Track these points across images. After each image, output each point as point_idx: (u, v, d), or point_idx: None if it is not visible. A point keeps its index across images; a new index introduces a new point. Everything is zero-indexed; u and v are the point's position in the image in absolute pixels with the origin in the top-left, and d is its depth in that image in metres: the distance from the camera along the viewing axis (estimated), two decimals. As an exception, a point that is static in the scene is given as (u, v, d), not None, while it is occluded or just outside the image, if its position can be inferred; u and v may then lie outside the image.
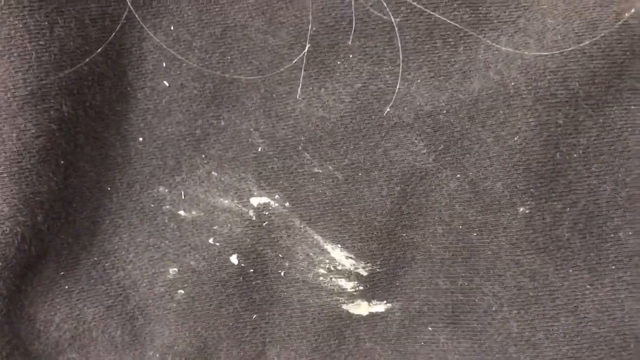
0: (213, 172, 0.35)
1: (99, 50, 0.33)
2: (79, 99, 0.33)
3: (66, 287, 0.34)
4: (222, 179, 0.35)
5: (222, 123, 0.34)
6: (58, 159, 0.33)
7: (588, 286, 0.30)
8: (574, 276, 0.30)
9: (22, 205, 0.32)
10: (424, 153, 0.32)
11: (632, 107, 0.30)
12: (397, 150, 0.32)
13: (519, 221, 0.30)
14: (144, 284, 0.34)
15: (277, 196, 0.34)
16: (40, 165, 0.32)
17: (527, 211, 0.31)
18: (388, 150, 0.32)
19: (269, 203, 0.34)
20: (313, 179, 0.33)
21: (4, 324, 0.33)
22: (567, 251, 0.30)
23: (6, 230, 0.32)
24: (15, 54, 0.31)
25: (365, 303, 0.33)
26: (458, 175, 0.31)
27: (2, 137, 0.32)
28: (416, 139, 0.32)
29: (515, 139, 0.30)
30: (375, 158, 0.32)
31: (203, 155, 0.35)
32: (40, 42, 0.31)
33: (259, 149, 0.34)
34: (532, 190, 0.30)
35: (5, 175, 0.32)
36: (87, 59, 0.33)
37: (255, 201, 0.34)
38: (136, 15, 0.33)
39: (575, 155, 0.30)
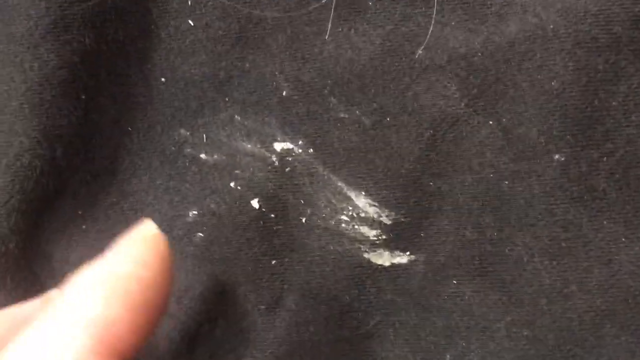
0: (236, 116, 0.34)
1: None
2: (102, 32, 0.33)
3: (83, 226, 0.34)
4: (245, 122, 0.34)
5: (247, 65, 0.34)
6: (79, 93, 0.32)
7: (623, 239, 0.29)
8: (609, 228, 0.29)
9: (42, 138, 0.31)
10: (456, 97, 0.30)
11: (679, 55, 0.29)
12: (428, 94, 0.31)
13: (553, 169, 0.29)
14: (163, 227, 0.34)
15: (300, 142, 0.33)
16: (62, 98, 0.32)
17: (562, 159, 0.29)
18: (418, 94, 0.31)
19: (292, 148, 0.33)
20: (339, 124, 0.32)
21: (21, 259, 0.32)
22: (603, 202, 0.29)
23: (25, 162, 0.31)
24: (38, -17, 0.30)
25: (387, 253, 0.32)
26: (491, 122, 0.30)
27: (23, 67, 0.31)
28: (448, 82, 0.30)
29: (553, 83, 0.29)
30: (405, 102, 0.31)
31: (226, 98, 0.34)
32: (64, -28, 0.31)
33: (284, 93, 0.33)
34: (568, 137, 0.29)
35: (26, 106, 0.31)
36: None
37: (278, 146, 0.33)
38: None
39: (614, 103, 0.29)
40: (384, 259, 0.33)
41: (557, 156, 0.30)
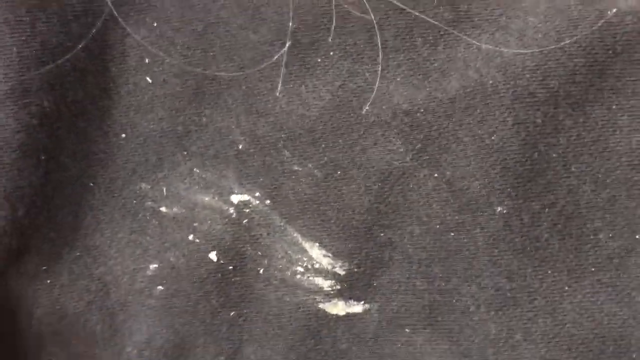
0: (195, 169, 0.35)
1: (81, 45, 0.33)
2: (61, 94, 0.33)
3: (48, 281, 0.35)
4: (204, 175, 0.35)
5: (204, 120, 0.34)
6: (39, 154, 0.33)
7: (567, 288, 0.30)
8: (553, 277, 0.30)
9: (3, 199, 0.32)
10: (402, 152, 0.31)
11: (614, 107, 0.30)
12: (375, 149, 0.31)
13: (496, 221, 0.30)
14: (125, 280, 0.34)
15: (257, 194, 0.34)
16: (21, 160, 0.32)
17: (504, 211, 0.30)
18: (366, 148, 0.32)
19: (249, 200, 0.34)
20: (293, 176, 0.33)
21: (-13, 318, 0.33)
22: (546, 252, 0.30)
23: None
24: (-4, 50, 0.31)
25: (342, 303, 0.33)
26: (435, 175, 0.31)
27: (-18, 132, 0.32)
28: (394, 137, 0.31)
29: (493, 138, 0.30)
30: (354, 156, 0.32)
31: (185, 152, 0.35)
32: (22, 38, 0.32)
33: (240, 146, 0.34)
34: (509, 190, 0.30)
35: (-14, 171, 0.32)
36: (69, 55, 0.33)
37: (235, 198, 0.34)
38: (115, 13, 0.33)
39: (554, 155, 0.30)
40: (338, 308, 0.33)
41: (499, 208, 0.30)
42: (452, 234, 0.31)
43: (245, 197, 0.35)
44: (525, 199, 0.30)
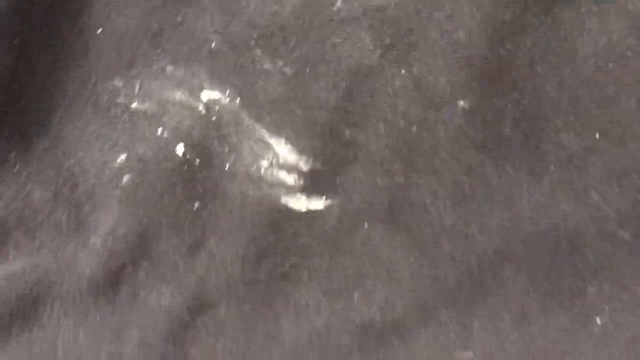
0: (167, 67, 0.35)
1: None
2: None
3: (16, 167, 0.34)
4: (176, 73, 0.35)
5: (179, 19, 0.34)
6: (12, 38, 0.33)
7: (525, 185, 0.30)
8: (512, 175, 0.30)
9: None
10: (370, 49, 0.31)
11: (582, 10, 0.29)
12: (345, 45, 0.31)
13: (459, 116, 0.30)
14: (93, 172, 0.34)
15: (227, 92, 0.34)
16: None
17: (467, 106, 0.30)
18: (336, 45, 0.32)
19: (219, 99, 0.34)
20: (263, 75, 0.33)
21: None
22: (507, 149, 0.30)
23: None
24: None
25: (304, 198, 0.33)
26: (403, 72, 0.31)
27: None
28: (363, 33, 0.31)
29: (460, 33, 0.30)
30: (324, 52, 0.32)
31: (158, 50, 0.34)
32: None
33: (213, 45, 0.34)
34: (474, 85, 0.30)
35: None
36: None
37: (205, 96, 0.34)
38: None
39: (520, 54, 0.30)
40: (300, 204, 0.33)
41: (462, 103, 0.30)
42: (414, 129, 0.31)
43: (216, 95, 0.35)
44: (489, 95, 0.30)
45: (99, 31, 0.35)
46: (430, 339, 0.31)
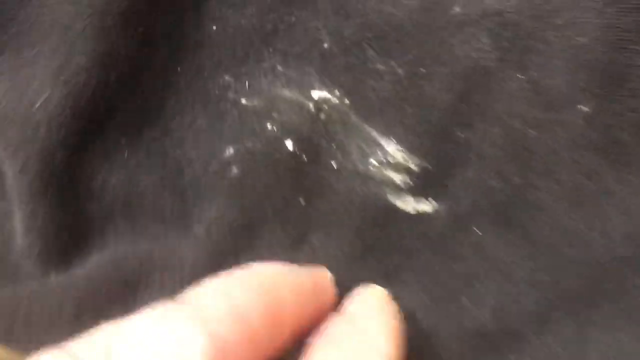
0: (278, 65, 0.36)
1: None
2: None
3: (126, 154, 0.35)
4: (286, 72, 0.35)
5: (293, 19, 0.35)
6: (137, 26, 0.34)
7: (645, 191, 0.29)
8: (633, 181, 0.29)
9: (99, 61, 0.33)
10: (489, 50, 0.31)
11: None
12: (462, 47, 0.32)
13: (579, 119, 0.30)
14: (200, 163, 0.35)
15: (337, 92, 0.34)
16: (120, 25, 0.33)
17: (588, 110, 0.30)
18: (453, 46, 0.32)
19: (329, 98, 0.34)
20: (375, 75, 0.33)
21: (64, 174, 0.34)
22: (627, 156, 0.29)
23: (80, 80, 0.33)
24: None
25: (412, 199, 0.33)
26: (520, 74, 0.31)
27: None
28: (482, 35, 0.31)
29: (580, 38, 0.30)
30: (440, 54, 0.32)
31: (270, 49, 0.35)
32: None
33: (325, 46, 0.34)
34: (594, 89, 0.30)
35: (88, 29, 0.33)
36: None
37: (315, 94, 0.35)
38: None
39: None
40: (408, 204, 0.33)
41: (582, 107, 0.30)
42: (533, 131, 0.31)
43: (325, 94, 0.35)
44: (609, 100, 0.30)
45: (214, 27, 0.36)
46: (545, 349, 0.30)
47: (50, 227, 0.35)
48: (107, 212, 0.36)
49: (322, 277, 0.31)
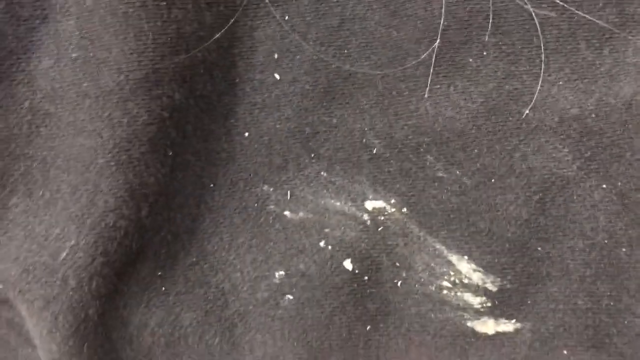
0: (322, 173, 0.32)
1: (217, 36, 0.30)
2: (191, 87, 0.30)
3: (163, 288, 0.31)
4: (333, 180, 0.32)
5: (334, 121, 0.31)
6: (167, 150, 0.30)
7: None
8: None
9: (128, 197, 0.29)
10: (568, 160, 0.28)
11: None
12: (538, 156, 0.29)
13: (675, 237, 0.27)
14: (245, 289, 0.31)
15: (393, 201, 0.31)
16: (150, 154, 0.29)
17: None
18: (527, 155, 0.29)
19: (384, 208, 0.31)
20: (436, 183, 0.30)
21: (99, 325, 0.29)
22: None
23: (109, 223, 0.28)
24: (131, 35, 0.28)
25: (492, 321, 0.29)
26: (604, 185, 0.28)
27: (112, 123, 0.29)
28: (560, 144, 0.28)
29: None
30: (512, 163, 0.29)
31: (312, 155, 0.31)
32: (158, 24, 0.29)
33: (374, 150, 0.31)
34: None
35: (113, 163, 0.28)
36: (203, 45, 0.30)
37: (370, 205, 0.31)
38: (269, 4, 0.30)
39: None
40: (488, 327, 0.30)
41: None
42: (624, 249, 0.28)
43: (381, 204, 0.32)
44: None
45: (246, 134, 0.32)
46: None
47: (88, 381, 0.30)
48: (148, 356, 0.32)
49: None
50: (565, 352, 0.29)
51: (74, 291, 0.29)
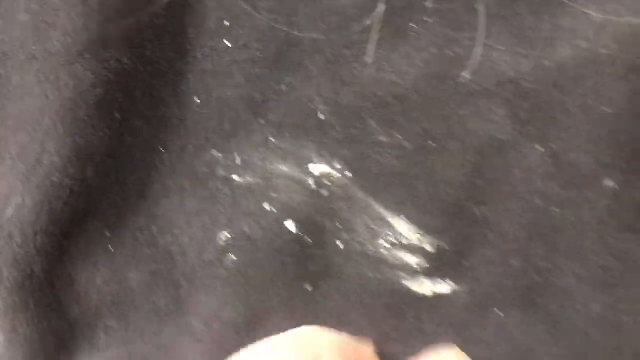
0: (271, 138, 0.32)
1: (165, 0, 0.30)
2: (139, 52, 0.31)
3: (111, 249, 0.31)
4: (281, 145, 0.32)
5: (283, 87, 0.32)
6: (114, 113, 0.30)
7: (680, 271, 0.27)
8: None
9: (74, 157, 0.29)
10: (504, 123, 0.29)
11: None
12: (475, 119, 0.29)
13: (605, 196, 0.27)
14: (193, 250, 0.31)
15: (338, 165, 0.31)
16: (96, 116, 0.30)
17: (615, 185, 0.27)
18: (465, 118, 0.29)
19: (329, 172, 0.31)
20: (378, 147, 0.30)
21: (45, 282, 0.30)
22: None
23: (55, 181, 0.29)
24: (77, -2, 0.28)
25: (429, 282, 0.30)
26: (540, 147, 0.28)
27: (58, 84, 0.29)
28: (497, 107, 0.29)
29: (605, 108, 0.27)
30: (450, 126, 0.29)
31: (261, 120, 0.32)
32: (105, -13, 0.29)
33: (321, 116, 0.31)
34: (620, 163, 0.27)
35: (59, 124, 0.29)
36: (150, 10, 0.30)
37: (315, 169, 0.31)
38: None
39: (670, 129, 0.27)
40: (425, 287, 0.30)
41: (609, 183, 0.28)
42: (556, 209, 0.28)
43: (326, 168, 0.32)
44: (637, 173, 0.27)
45: (197, 101, 0.32)
46: None
47: (34, 337, 0.31)
48: (95, 314, 0.32)
49: (365, 349, 0.29)
50: (498, 312, 0.30)
51: (20, 247, 0.29)
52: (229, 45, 0.33)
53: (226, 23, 0.33)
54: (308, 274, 0.32)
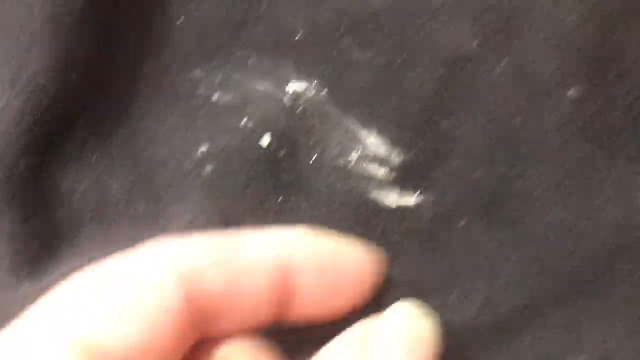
0: (251, 58, 0.33)
1: None
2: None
3: (94, 157, 0.32)
4: (260, 64, 0.33)
5: (263, 9, 0.32)
6: (99, 22, 0.31)
7: (638, 177, 0.27)
8: (625, 167, 0.27)
9: (58, 62, 0.30)
10: (469, 36, 0.29)
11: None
12: (442, 33, 0.29)
13: (568, 104, 0.28)
14: (173, 162, 0.32)
15: (314, 83, 0.32)
16: (81, 24, 0.31)
17: (577, 94, 0.28)
18: (432, 32, 0.30)
19: (305, 90, 0.32)
20: (353, 65, 0.31)
21: (29, 182, 0.31)
22: (619, 139, 0.27)
23: (39, 83, 0.30)
24: None
25: (395, 193, 0.30)
26: (505, 60, 0.28)
27: (44, -8, 0.30)
28: (462, 20, 0.29)
29: (568, 19, 0.27)
30: (420, 41, 0.30)
31: (241, 41, 0.33)
32: None
33: (299, 36, 0.32)
34: (583, 73, 0.28)
35: (45, 31, 0.30)
36: None
37: (292, 87, 0.32)
38: None
39: (632, 41, 0.27)
40: (391, 198, 0.31)
41: (571, 91, 0.28)
42: (519, 119, 0.29)
43: (302, 86, 0.33)
44: (599, 83, 0.28)
45: (179, 21, 0.33)
46: (536, 342, 0.28)
47: (19, 236, 0.32)
48: (77, 218, 0.33)
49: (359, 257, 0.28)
50: (462, 222, 0.30)
51: (4, 147, 0.31)
52: (211, -35, 0.34)
53: (209, -55, 0.34)
54: (280, 186, 0.32)
